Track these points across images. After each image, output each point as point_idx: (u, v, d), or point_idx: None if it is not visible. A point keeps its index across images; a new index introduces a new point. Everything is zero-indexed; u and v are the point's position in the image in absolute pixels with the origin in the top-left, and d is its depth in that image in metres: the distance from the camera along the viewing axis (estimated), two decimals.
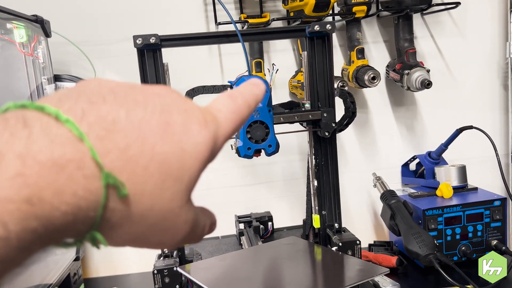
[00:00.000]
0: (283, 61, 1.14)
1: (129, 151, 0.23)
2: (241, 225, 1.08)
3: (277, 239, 1.00)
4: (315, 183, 0.89)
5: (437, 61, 1.20)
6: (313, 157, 0.88)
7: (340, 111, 0.88)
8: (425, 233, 0.90)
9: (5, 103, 0.23)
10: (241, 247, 1.01)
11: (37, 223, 0.21)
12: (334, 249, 0.84)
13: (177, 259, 0.83)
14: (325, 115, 0.83)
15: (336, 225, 0.89)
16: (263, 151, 0.77)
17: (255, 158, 0.78)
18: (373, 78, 1.04)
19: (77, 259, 1.02)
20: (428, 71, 1.06)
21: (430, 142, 1.21)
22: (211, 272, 0.79)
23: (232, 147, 0.79)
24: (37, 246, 0.22)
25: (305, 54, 0.85)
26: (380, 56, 1.18)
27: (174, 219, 0.26)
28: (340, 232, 0.89)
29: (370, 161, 1.22)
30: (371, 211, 1.24)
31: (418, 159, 1.18)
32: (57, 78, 1.00)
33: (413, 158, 1.20)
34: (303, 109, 0.86)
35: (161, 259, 0.83)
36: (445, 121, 1.20)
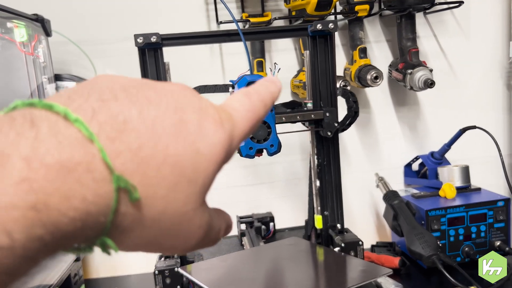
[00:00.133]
0: (284, 61, 1.14)
1: (141, 153, 0.22)
2: (243, 226, 1.07)
3: (279, 239, 1.00)
4: (317, 183, 0.88)
5: (440, 61, 1.19)
6: (315, 157, 0.88)
7: (342, 111, 0.88)
8: (428, 233, 0.89)
9: (6, 102, 0.22)
10: (243, 248, 1.01)
11: (44, 230, 0.20)
12: (336, 250, 0.84)
13: (178, 260, 0.82)
14: (327, 114, 0.83)
15: (338, 225, 0.89)
16: (265, 151, 0.76)
17: (256, 158, 0.77)
18: (376, 77, 1.03)
19: (77, 260, 1.02)
20: (431, 71, 1.06)
21: (433, 142, 1.21)
22: (212, 272, 0.78)
23: None
24: (43, 254, 0.20)
25: (307, 53, 0.84)
26: (382, 55, 1.17)
27: (187, 223, 0.25)
28: (342, 232, 0.88)
29: (372, 161, 1.21)
30: (373, 211, 1.24)
31: (420, 159, 1.18)
32: (57, 77, 1.00)
33: (416, 158, 1.19)
34: (305, 108, 0.86)
35: (162, 259, 0.83)
36: (448, 121, 1.19)
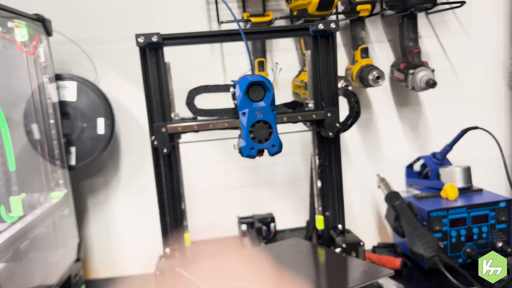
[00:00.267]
0: (286, 61, 1.14)
1: None
2: (244, 227, 1.07)
3: (280, 240, 0.99)
4: (319, 184, 0.88)
5: (442, 61, 1.19)
6: (316, 157, 0.88)
7: (344, 111, 0.88)
8: (429, 234, 0.89)
9: (7, 102, 0.22)
10: None
11: None
12: (337, 250, 0.84)
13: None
14: (329, 115, 0.82)
15: (339, 226, 0.88)
16: (266, 151, 0.76)
17: (257, 158, 0.77)
18: (378, 77, 1.03)
19: (78, 260, 1.02)
20: (432, 71, 1.05)
21: (434, 142, 1.20)
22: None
23: (234, 146, 0.78)
24: None
25: (308, 53, 0.84)
26: (384, 55, 1.17)
27: None
28: (343, 233, 0.88)
29: (374, 161, 1.21)
30: (374, 212, 1.23)
31: (422, 160, 1.17)
32: (58, 77, 0.99)
33: (418, 159, 1.19)
34: (307, 108, 0.86)
35: (163, 260, 0.83)
36: (450, 121, 1.19)
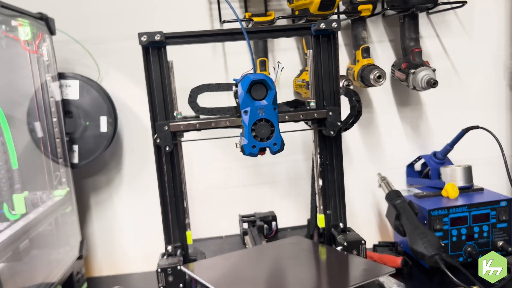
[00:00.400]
0: (287, 60, 1.14)
1: None
2: (245, 225, 1.07)
3: (281, 238, 1.00)
4: (320, 183, 0.88)
5: (443, 61, 1.19)
6: (318, 156, 0.88)
7: (345, 110, 0.88)
8: (430, 233, 0.89)
9: (10, 100, 0.22)
10: (245, 247, 1.01)
11: None
12: (339, 248, 0.84)
13: (181, 258, 0.82)
14: (330, 113, 0.83)
15: (340, 224, 0.89)
16: (268, 149, 0.76)
17: (259, 157, 0.78)
18: (379, 77, 1.03)
19: (80, 257, 1.02)
20: (434, 71, 1.06)
21: (435, 142, 1.21)
22: (215, 271, 0.78)
23: (236, 145, 0.78)
24: None
25: (310, 52, 0.84)
26: (385, 55, 1.17)
27: None
28: (345, 231, 0.88)
29: (375, 161, 1.21)
30: (375, 211, 1.24)
31: (423, 159, 1.18)
32: (61, 76, 1.00)
33: (419, 158, 1.19)
34: (308, 107, 0.86)
35: (165, 257, 0.83)
36: (451, 121, 1.19)
